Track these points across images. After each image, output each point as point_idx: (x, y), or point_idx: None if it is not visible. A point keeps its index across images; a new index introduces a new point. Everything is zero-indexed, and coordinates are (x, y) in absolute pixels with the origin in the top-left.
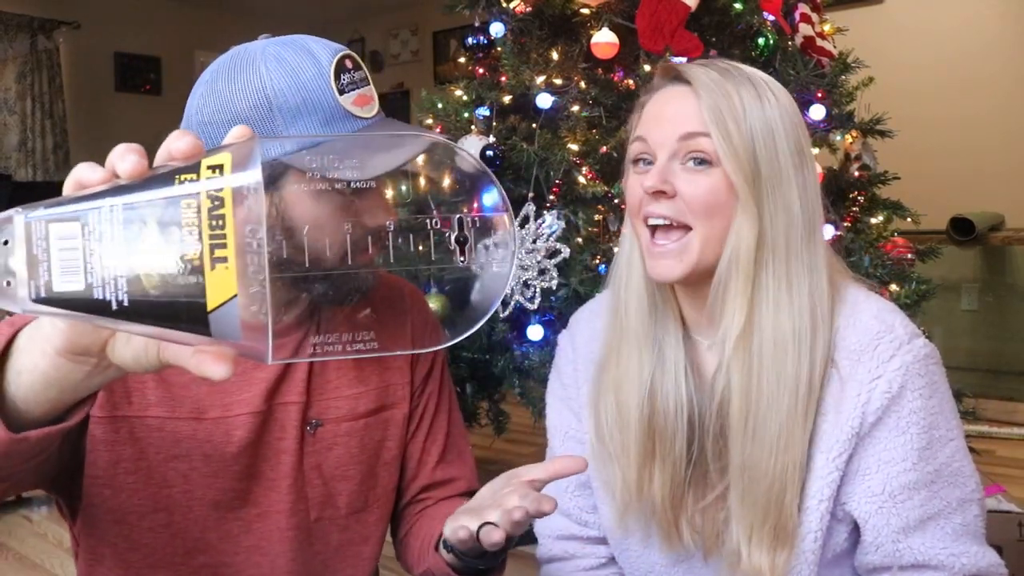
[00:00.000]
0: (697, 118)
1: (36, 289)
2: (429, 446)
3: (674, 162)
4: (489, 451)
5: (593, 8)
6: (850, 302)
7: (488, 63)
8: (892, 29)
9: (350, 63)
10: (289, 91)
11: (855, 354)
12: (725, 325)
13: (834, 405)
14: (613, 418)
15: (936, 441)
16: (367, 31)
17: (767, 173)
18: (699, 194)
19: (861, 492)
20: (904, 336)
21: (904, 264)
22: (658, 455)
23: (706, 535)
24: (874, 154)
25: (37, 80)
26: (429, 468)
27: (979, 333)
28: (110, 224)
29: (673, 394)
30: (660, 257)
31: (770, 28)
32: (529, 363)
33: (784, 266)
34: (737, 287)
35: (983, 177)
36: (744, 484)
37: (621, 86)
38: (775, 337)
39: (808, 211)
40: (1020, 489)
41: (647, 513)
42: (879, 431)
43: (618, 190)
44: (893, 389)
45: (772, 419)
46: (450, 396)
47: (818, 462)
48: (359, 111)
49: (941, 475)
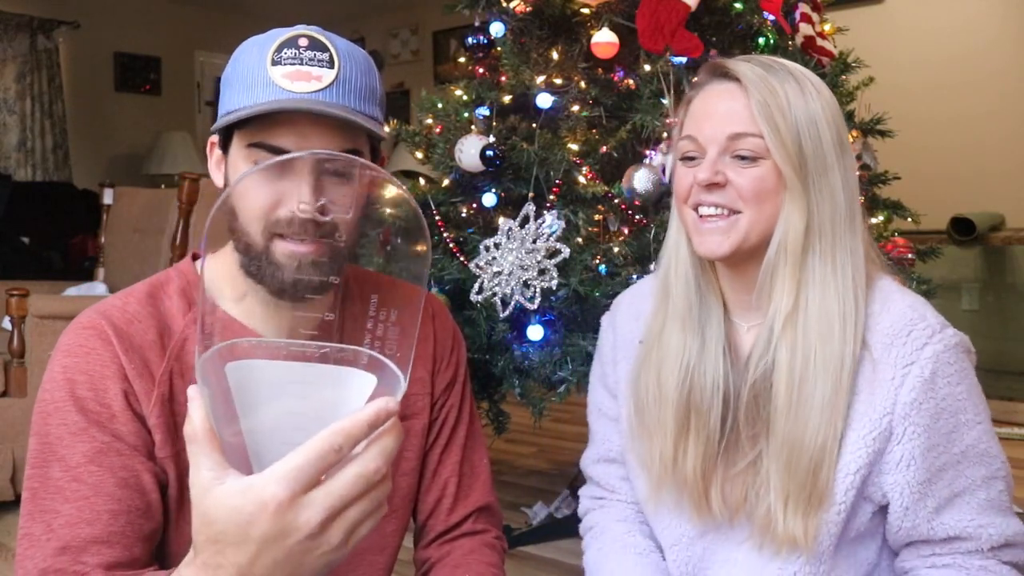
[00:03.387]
0: (746, 116)
1: None
2: (445, 458)
3: (724, 157)
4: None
5: (593, 8)
6: (884, 290)
7: (488, 63)
8: (892, 29)
9: (304, 42)
10: (232, 63)
11: (888, 337)
12: (774, 306)
13: (866, 386)
14: (653, 394)
15: (963, 425)
16: (367, 31)
17: (812, 162)
18: (749, 183)
19: (906, 481)
20: (936, 325)
21: (904, 264)
22: (692, 429)
23: (735, 501)
24: (874, 154)
25: (37, 80)
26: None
27: (979, 333)
28: None
29: (711, 372)
30: (708, 234)
31: (770, 28)
32: (529, 363)
33: (830, 249)
34: (786, 270)
35: (983, 177)
36: (785, 457)
37: (621, 86)
38: (821, 316)
39: (849, 197)
40: (1020, 489)
41: (679, 485)
42: (918, 416)
43: (618, 190)
44: (926, 375)
45: (816, 395)
46: (470, 409)
47: (849, 439)
48: (287, 84)
49: (967, 456)
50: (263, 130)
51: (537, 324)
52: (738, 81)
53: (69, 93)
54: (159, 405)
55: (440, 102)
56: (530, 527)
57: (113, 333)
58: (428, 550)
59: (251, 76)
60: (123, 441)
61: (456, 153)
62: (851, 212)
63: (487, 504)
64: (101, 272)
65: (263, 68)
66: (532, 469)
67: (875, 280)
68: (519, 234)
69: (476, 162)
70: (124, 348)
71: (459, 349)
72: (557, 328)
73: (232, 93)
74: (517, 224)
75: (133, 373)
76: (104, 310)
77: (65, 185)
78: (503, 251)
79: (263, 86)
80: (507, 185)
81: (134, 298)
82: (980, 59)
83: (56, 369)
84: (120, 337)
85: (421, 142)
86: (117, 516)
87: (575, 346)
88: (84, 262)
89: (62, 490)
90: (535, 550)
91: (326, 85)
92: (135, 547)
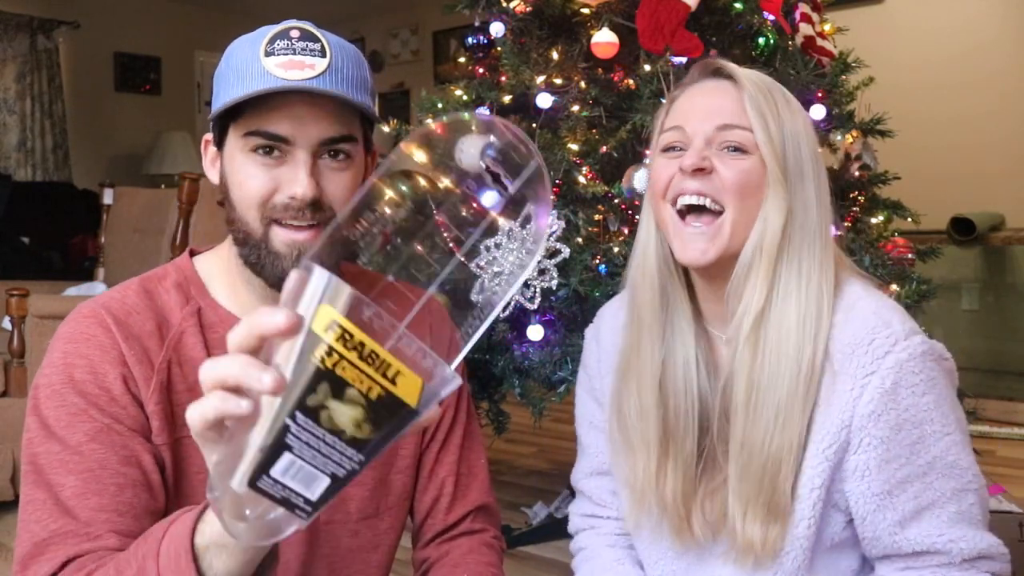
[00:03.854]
0: (737, 110)
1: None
2: (442, 458)
3: (710, 147)
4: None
5: (593, 8)
6: (851, 296)
7: (488, 63)
8: (892, 29)
9: (296, 33)
10: (225, 59)
11: (849, 347)
12: (744, 305)
13: (826, 397)
14: (635, 409)
15: (928, 436)
16: (367, 31)
17: (793, 168)
18: (736, 174)
19: (860, 491)
20: (901, 333)
21: (904, 264)
22: (671, 456)
23: (715, 518)
24: (874, 154)
25: (37, 80)
26: (440, 479)
27: (979, 333)
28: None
29: (683, 389)
30: (692, 240)
31: (770, 28)
32: (529, 363)
33: (797, 257)
34: (759, 271)
35: (983, 177)
36: (743, 460)
37: (621, 86)
38: (782, 322)
39: (822, 213)
40: (1020, 489)
41: (661, 506)
42: (876, 428)
43: (618, 190)
44: (886, 385)
45: (771, 397)
46: (468, 409)
47: (810, 451)
48: (281, 72)
49: (934, 468)
50: (258, 117)
51: (537, 324)
52: (731, 79)
53: (69, 93)
54: (157, 392)
55: (440, 102)
56: (530, 527)
57: (112, 321)
58: (426, 550)
59: (245, 68)
60: (122, 423)
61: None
62: (822, 226)
63: (485, 504)
64: (101, 272)
65: (256, 59)
66: (532, 469)
67: (843, 285)
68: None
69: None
70: (124, 336)
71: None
72: (557, 328)
73: (226, 87)
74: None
75: (133, 360)
76: (103, 301)
77: (65, 185)
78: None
79: (257, 76)
80: None
81: (131, 291)
82: (980, 59)
83: (55, 355)
84: (119, 325)
85: None
86: (123, 489)
87: (575, 346)
88: (84, 262)
89: (65, 463)
90: (535, 550)
91: (319, 73)
92: (144, 520)
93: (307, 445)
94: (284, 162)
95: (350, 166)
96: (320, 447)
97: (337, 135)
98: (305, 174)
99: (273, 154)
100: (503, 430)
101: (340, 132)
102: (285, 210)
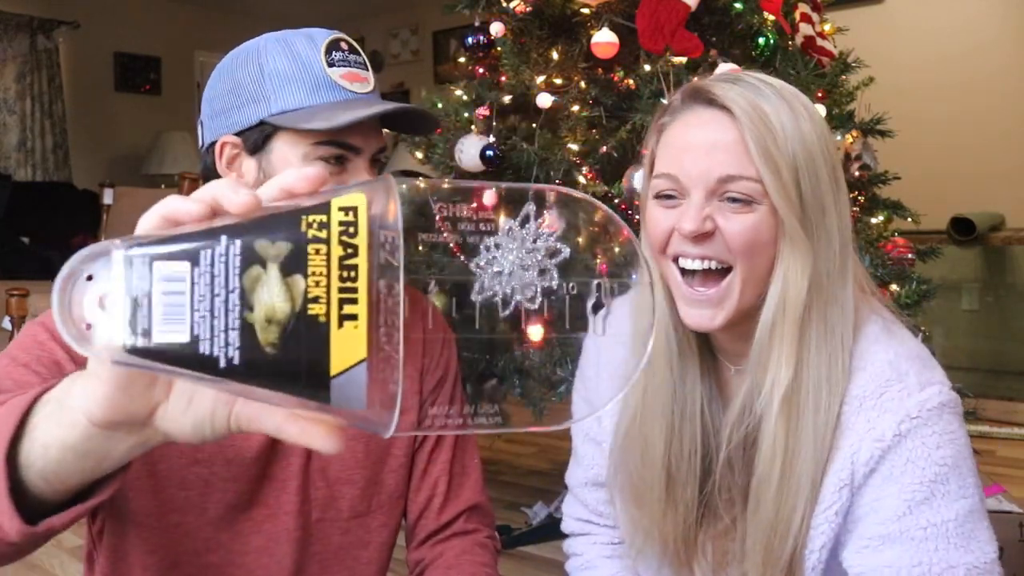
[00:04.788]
0: (739, 153)
1: (131, 337)
2: (435, 457)
3: (711, 200)
4: (489, 451)
5: (593, 8)
6: (869, 338)
7: (488, 63)
8: (892, 29)
9: (345, 45)
10: (280, 57)
11: (857, 400)
12: (771, 377)
13: (832, 455)
14: (639, 457)
15: (940, 496)
16: (367, 31)
17: (811, 203)
18: (742, 232)
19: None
20: (915, 385)
21: (904, 264)
22: (672, 501)
23: (715, 562)
24: (874, 154)
25: (37, 80)
26: (433, 478)
27: (979, 333)
28: (224, 267)
29: (689, 438)
30: (698, 306)
31: (770, 28)
32: (529, 363)
33: (824, 308)
34: (783, 337)
35: (983, 177)
36: (767, 539)
37: (621, 86)
38: (814, 386)
39: (843, 241)
40: (1020, 489)
41: (661, 548)
42: (872, 480)
43: (618, 190)
44: (886, 438)
45: (801, 474)
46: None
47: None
48: (348, 84)
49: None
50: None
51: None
52: (726, 110)
53: (69, 93)
54: None
55: (440, 102)
56: (530, 527)
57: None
58: (420, 551)
59: (310, 76)
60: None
61: (456, 153)
62: (844, 258)
63: (478, 503)
64: None
65: (320, 68)
66: (532, 469)
67: (861, 329)
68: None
69: (476, 162)
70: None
71: (449, 348)
72: None
73: (286, 91)
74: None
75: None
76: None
77: (65, 185)
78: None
79: (327, 87)
80: None
81: None
82: (980, 59)
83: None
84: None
85: (421, 142)
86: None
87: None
88: None
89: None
90: (535, 550)
91: (373, 85)
92: None
93: (208, 284)
94: (346, 169)
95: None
96: (216, 299)
97: (384, 144)
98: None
99: (340, 163)
100: None
101: (384, 142)
102: None
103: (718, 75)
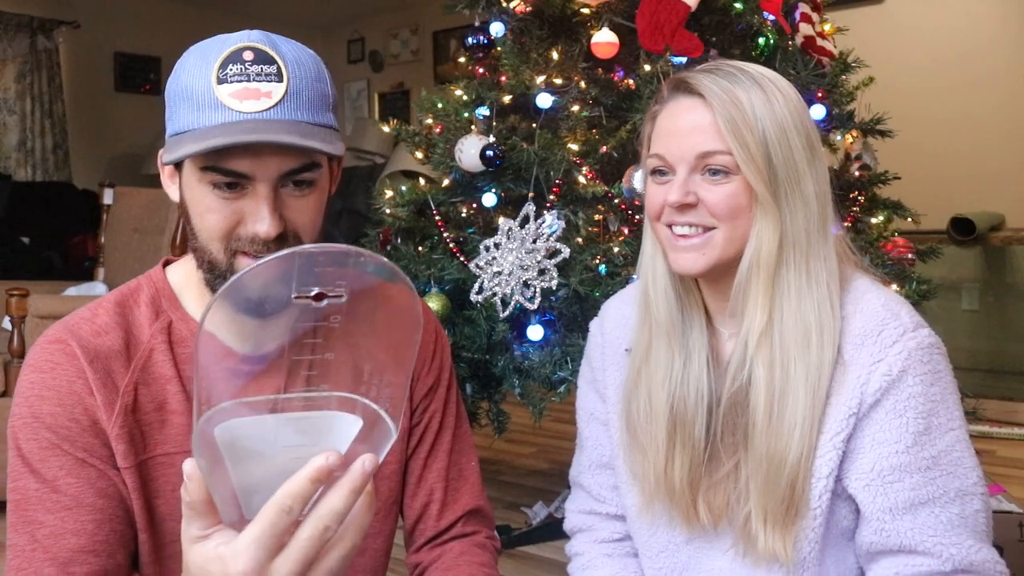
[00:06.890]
0: (713, 133)
1: None
2: (431, 463)
3: (694, 175)
4: (489, 451)
5: (593, 8)
6: (858, 290)
7: (488, 63)
8: (892, 29)
9: (249, 55)
10: (184, 72)
11: (859, 338)
12: (747, 323)
13: (836, 389)
14: (645, 413)
15: (935, 428)
16: (367, 31)
17: (783, 173)
18: (721, 200)
19: (854, 470)
20: (909, 324)
21: (904, 264)
22: (679, 442)
23: (718, 507)
24: (874, 154)
25: (37, 80)
26: (429, 484)
27: (979, 333)
28: None
29: (695, 384)
30: (683, 251)
31: (770, 28)
32: (529, 363)
33: (804, 260)
34: (758, 287)
35: (983, 177)
36: (764, 474)
37: (621, 86)
38: (797, 329)
39: (822, 202)
40: (1020, 489)
41: (669, 495)
42: (876, 412)
43: (618, 190)
44: (893, 372)
45: (796, 410)
46: (457, 413)
47: (820, 443)
48: (235, 104)
49: (939, 463)
50: (215, 153)
51: (537, 324)
52: (702, 96)
53: (69, 93)
54: (122, 415)
55: (440, 102)
56: (530, 527)
57: (77, 346)
58: (419, 554)
59: (197, 94)
60: (95, 454)
61: (456, 153)
62: (823, 217)
63: (477, 507)
64: (101, 272)
65: (208, 87)
66: (532, 469)
67: (850, 281)
68: (519, 234)
69: (476, 162)
70: (89, 359)
71: (442, 352)
72: (557, 328)
73: (179, 111)
74: (517, 224)
75: (97, 384)
76: (71, 324)
77: (65, 185)
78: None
79: (211, 107)
80: (507, 185)
81: (103, 309)
82: (980, 59)
83: (24, 386)
84: (85, 349)
85: (421, 142)
86: (101, 525)
87: (575, 346)
88: (84, 262)
89: (43, 501)
90: (535, 550)
91: (276, 102)
92: (118, 554)
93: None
94: (244, 195)
95: (314, 191)
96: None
97: (298, 166)
98: (268, 210)
99: (234, 189)
100: (503, 430)
101: (301, 162)
102: (250, 243)
103: (700, 66)
